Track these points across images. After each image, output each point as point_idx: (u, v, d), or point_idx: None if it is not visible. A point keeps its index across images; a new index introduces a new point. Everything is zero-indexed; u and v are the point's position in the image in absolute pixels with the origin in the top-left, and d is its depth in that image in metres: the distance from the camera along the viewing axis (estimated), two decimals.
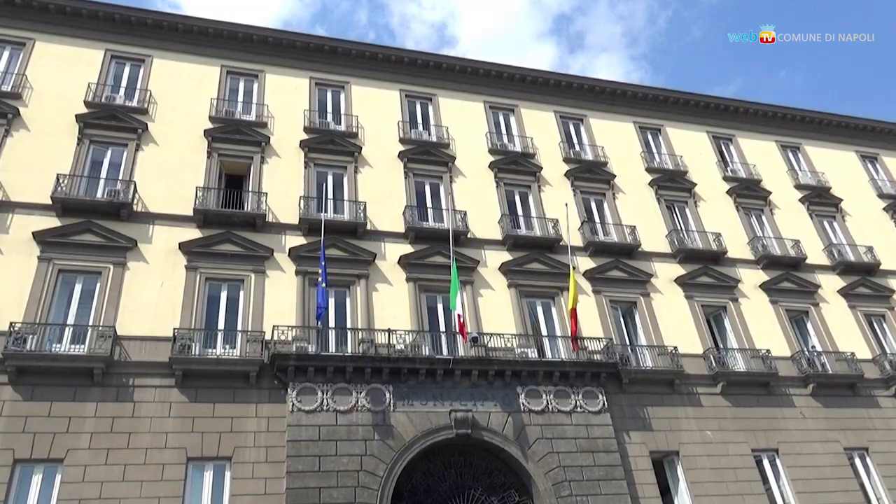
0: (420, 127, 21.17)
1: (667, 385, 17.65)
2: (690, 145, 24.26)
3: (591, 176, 21.65)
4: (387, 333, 15.78)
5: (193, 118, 18.49)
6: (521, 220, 20.02)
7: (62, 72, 18.20)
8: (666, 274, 20.14)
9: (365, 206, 18.09)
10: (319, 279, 15.06)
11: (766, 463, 17.39)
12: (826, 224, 23.88)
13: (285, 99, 19.94)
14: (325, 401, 14.63)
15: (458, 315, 15.51)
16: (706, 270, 20.45)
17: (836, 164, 25.95)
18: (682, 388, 17.74)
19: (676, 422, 17.15)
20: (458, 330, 15.63)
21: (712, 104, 25.29)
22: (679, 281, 20.04)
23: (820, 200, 24.31)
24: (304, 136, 19.25)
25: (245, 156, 18.33)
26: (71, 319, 14.52)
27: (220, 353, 14.75)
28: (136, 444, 13.27)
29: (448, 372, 15.67)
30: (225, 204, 17.30)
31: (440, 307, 17.40)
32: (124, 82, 18.90)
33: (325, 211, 17.59)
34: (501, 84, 22.88)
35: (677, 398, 17.56)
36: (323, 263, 15.32)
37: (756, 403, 18.16)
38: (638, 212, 21.41)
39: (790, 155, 25.91)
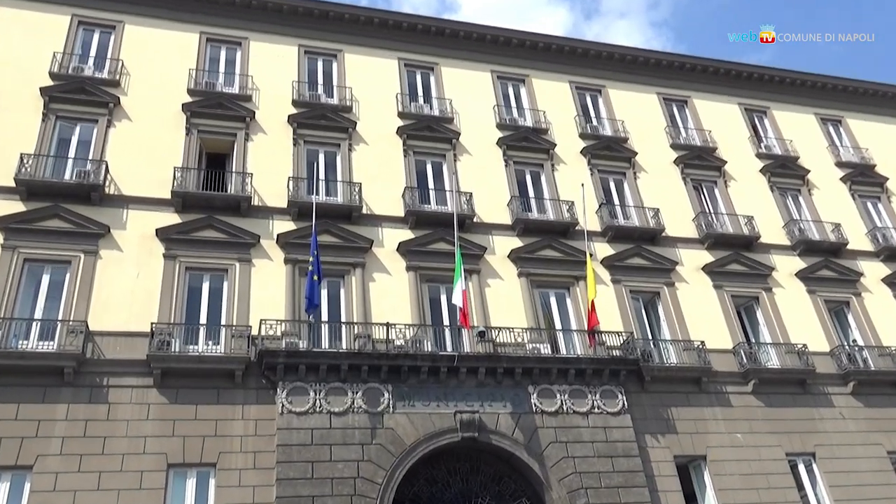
0: (421, 100, 21.03)
1: (693, 383, 17.60)
2: (720, 119, 24.05)
3: (609, 153, 21.51)
4: (385, 328, 15.74)
5: (170, 91, 18.35)
6: (533, 202, 19.94)
7: (24, 40, 18.03)
8: (692, 261, 20.06)
9: (360, 187, 17.97)
10: (311, 268, 14.97)
11: (801, 468, 17.38)
12: (870, 206, 23.70)
13: (272, 69, 19.77)
14: (317, 402, 14.62)
15: (460, 308, 15.44)
16: (737, 257, 20.34)
17: (882, 140, 25.68)
18: (709, 386, 17.69)
19: (703, 423, 17.12)
20: (459, 321, 15.56)
21: (744, 73, 25.02)
22: (707, 269, 19.96)
23: (863, 179, 24.08)
24: (293, 111, 19.12)
25: (227, 132, 18.23)
26: (38, 314, 14.48)
27: (203, 349, 14.74)
28: (112, 449, 13.26)
29: (452, 370, 15.64)
30: (206, 186, 17.23)
31: (443, 299, 17.35)
32: (93, 51, 18.73)
33: (317, 193, 17.51)
34: (510, 52, 22.64)
35: (704, 398, 17.53)
36: (314, 251, 15.21)
37: (791, 403, 18.12)
38: (662, 193, 21.28)
39: (831, 129, 25.65)
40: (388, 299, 16.70)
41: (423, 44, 21.76)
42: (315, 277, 14.90)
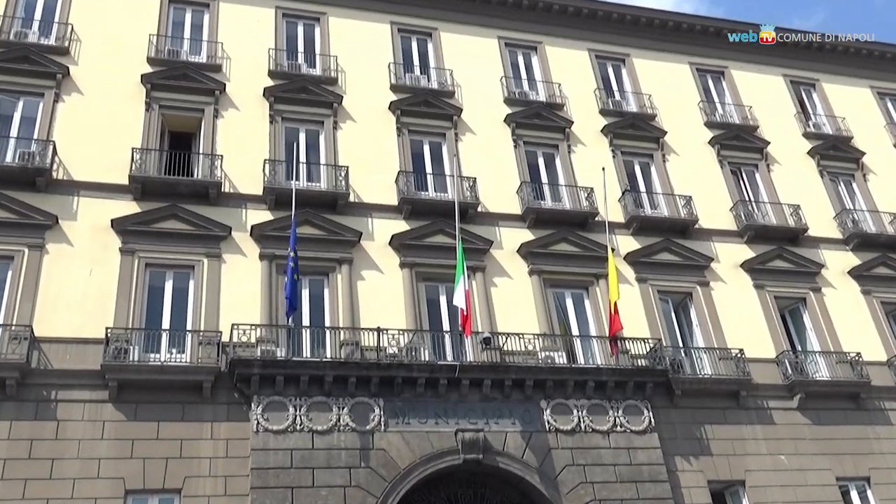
0: (417, 70, 20.97)
1: (730, 398, 17.59)
2: (762, 93, 24.00)
3: (635, 132, 21.46)
4: (376, 333, 15.71)
5: (127, 60, 18.27)
6: (546, 188, 19.90)
7: None
8: (730, 257, 20.03)
9: (347, 171, 17.91)
10: (292, 265, 14.95)
11: (854, 494, 17.40)
12: None
13: (245, 35, 19.69)
14: (298, 418, 14.59)
15: (462, 311, 15.42)
16: (781, 253, 20.32)
17: None
18: (749, 401, 17.69)
19: (742, 444, 17.11)
20: (461, 325, 15.57)
21: (790, 40, 24.93)
22: (746, 266, 19.93)
23: None
24: (269, 83, 19.05)
25: (194, 108, 18.17)
26: None
27: (166, 358, 14.71)
28: (62, 472, 13.22)
29: (453, 382, 15.60)
30: (169, 170, 17.17)
31: (443, 300, 17.32)
32: (38, 14, 18.64)
33: (297, 178, 17.46)
34: (520, 15, 22.55)
35: (743, 414, 17.53)
36: (293, 245, 15.16)
37: (843, 421, 18.12)
38: (695, 178, 21.25)
39: (890, 105, 25.59)
40: (379, 300, 16.66)
41: (419, 5, 21.67)
42: (296, 276, 14.89)
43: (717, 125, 22.64)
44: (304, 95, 19.02)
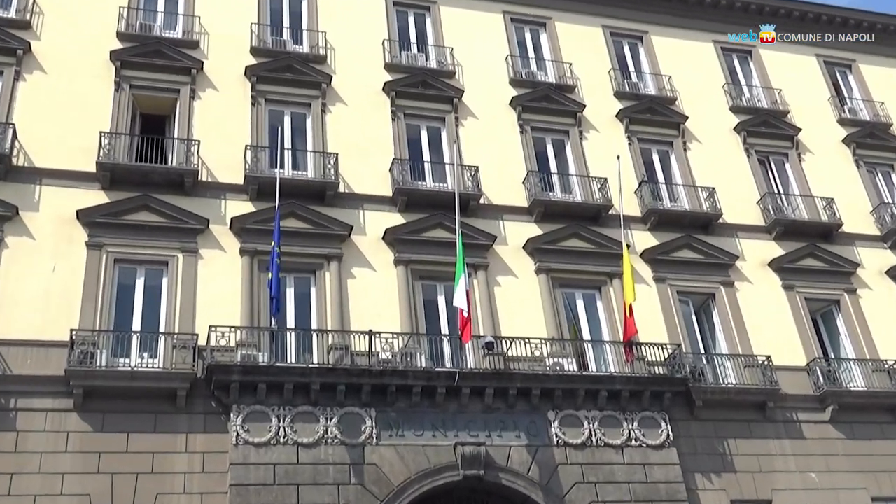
0: (414, 48, 20.95)
1: (756, 409, 17.61)
2: (793, 74, 24.00)
3: (653, 117, 21.47)
4: (367, 337, 15.70)
5: (95, 35, 18.23)
6: (556, 178, 19.89)
7: None
8: (756, 255, 20.06)
9: (336, 159, 17.90)
10: (278, 262, 14.95)
11: None
12: None
13: (225, 8, 19.66)
14: (281, 430, 14.58)
15: (461, 310, 15.44)
16: (813, 250, 20.34)
17: None
18: (776, 413, 17.70)
19: (769, 460, 17.13)
20: (460, 330, 15.58)
21: (824, 16, 24.91)
22: (775, 265, 19.95)
23: None
24: (252, 61, 19.02)
25: (168, 88, 18.16)
26: None
27: (136, 363, 14.69)
28: (21, 489, 13.18)
29: (452, 391, 15.61)
30: (141, 156, 17.14)
31: (442, 301, 17.32)
32: None
33: (281, 166, 17.41)
34: None
35: (770, 427, 17.54)
36: (277, 240, 15.14)
37: (879, 435, 18.12)
38: (719, 168, 21.25)
39: None
40: (371, 301, 16.66)
41: None
42: (281, 275, 14.92)
43: (744, 110, 22.60)
44: (289, 75, 19.00)
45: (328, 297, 16.50)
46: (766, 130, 22.36)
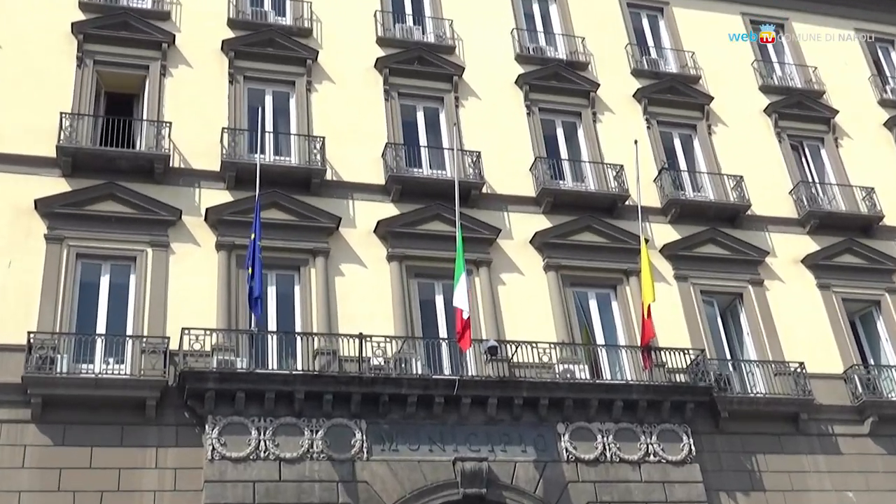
0: (409, 20, 20.93)
1: (787, 421, 17.63)
2: (830, 51, 23.98)
3: (675, 98, 21.47)
4: (357, 341, 15.64)
5: (55, 4, 18.17)
6: (566, 165, 19.89)
7: None
8: (789, 250, 20.09)
9: (323, 143, 17.87)
10: (260, 256, 14.90)
11: None
12: None
13: None
14: (262, 444, 14.56)
15: (460, 312, 15.42)
16: (851, 245, 20.35)
17: None
18: (810, 425, 17.71)
19: (801, 478, 17.14)
20: (458, 336, 15.56)
21: None
22: (809, 262, 19.98)
23: None
24: (229, 34, 18.99)
25: (136, 64, 18.15)
26: None
27: (101, 370, 14.65)
28: None
29: (452, 400, 15.59)
30: (106, 139, 17.11)
31: (440, 301, 17.34)
32: None
33: (262, 151, 17.39)
34: None
35: (803, 441, 17.56)
36: (258, 233, 15.09)
37: None
38: (747, 154, 21.26)
39: None
40: (361, 301, 16.66)
41: None
42: (263, 272, 14.91)
43: (775, 90, 22.59)
44: (271, 50, 18.98)
45: (314, 297, 16.46)
46: (800, 113, 22.34)
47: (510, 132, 19.79)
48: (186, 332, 14.93)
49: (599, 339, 18.00)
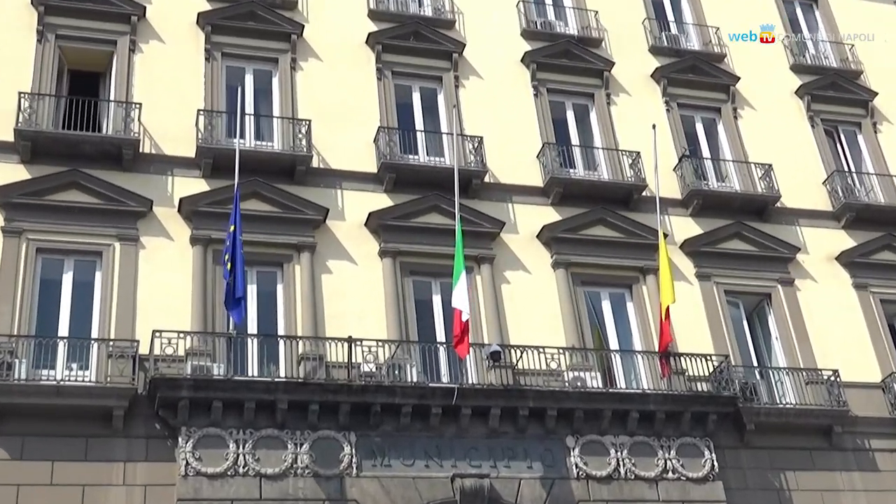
0: None
1: (820, 435, 17.67)
2: (868, 25, 23.96)
3: (697, 78, 21.53)
4: (346, 345, 15.65)
5: None
6: (577, 152, 19.93)
7: None
8: (822, 247, 20.15)
9: (309, 127, 17.89)
10: (238, 251, 14.82)
11: None
12: None
13: None
14: (241, 458, 14.56)
15: (460, 314, 15.38)
16: (890, 241, 20.39)
17: None
18: (845, 439, 17.75)
19: (835, 497, 17.19)
20: (455, 341, 15.55)
21: None
22: (844, 259, 20.03)
23: None
24: (206, 6, 19.00)
25: (103, 39, 18.15)
26: None
27: (63, 376, 14.63)
28: None
29: (450, 411, 15.60)
30: (69, 122, 17.06)
31: (437, 301, 17.39)
32: None
33: (242, 136, 17.37)
34: None
35: (837, 457, 17.61)
36: (238, 226, 15.05)
37: None
38: (777, 140, 21.29)
39: None
40: (351, 301, 16.69)
41: None
42: (244, 269, 14.87)
43: (808, 69, 22.65)
44: (251, 23, 18.98)
45: (298, 296, 16.48)
46: (835, 95, 22.40)
47: (515, 115, 19.81)
48: (158, 334, 14.90)
49: (613, 344, 18.06)
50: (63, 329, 15.31)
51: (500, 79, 20.21)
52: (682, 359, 17.30)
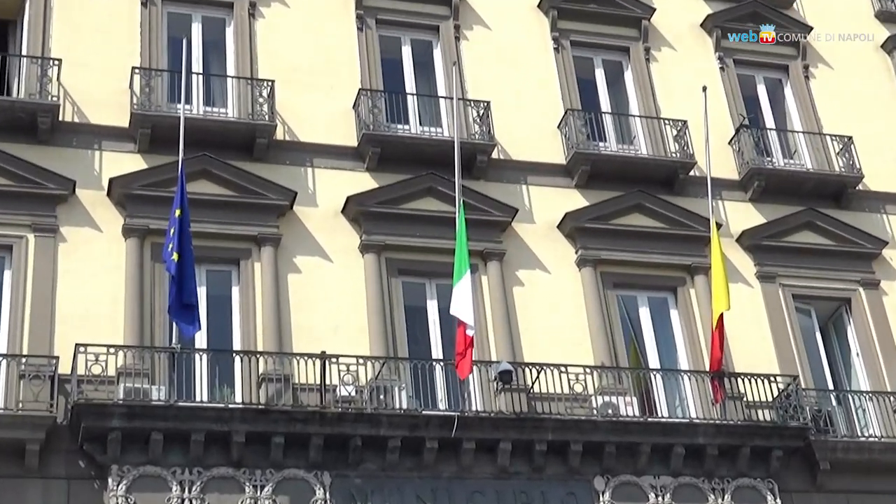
0: None
1: None
2: None
3: (758, 28, 21.44)
4: (319, 362, 15.67)
5: None
6: (608, 121, 20.02)
7: None
8: None
9: (272, 89, 17.92)
10: (186, 245, 14.85)
11: None
12: None
13: None
14: (187, 503, 14.66)
15: (463, 325, 15.46)
16: None
17: None
18: None
19: None
20: (456, 359, 15.62)
21: None
22: None
23: None
24: None
25: None
26: None
27: None
28: None
29: (448, 445, 15.63)
30: None
31: (433, 308, 17.52)
32: None
33: (188, 101, 17.43)
34: None
35: None
36: (186, 213, 15.03)
37: None
38: (859, 107, 21.48)
39: None
40: (324, 307, 16.80)
41: None
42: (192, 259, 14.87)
43: (894, 17, 22.79)
44: None
45: (258, 302, 16.53)
46: None
47: (531, 75, 19.92)
48: (82, 349, 14.82)
49: (653, 363, 18.11)
50: None
51: (513, 28, 20.32)
52: (738, 380, 17.34)
